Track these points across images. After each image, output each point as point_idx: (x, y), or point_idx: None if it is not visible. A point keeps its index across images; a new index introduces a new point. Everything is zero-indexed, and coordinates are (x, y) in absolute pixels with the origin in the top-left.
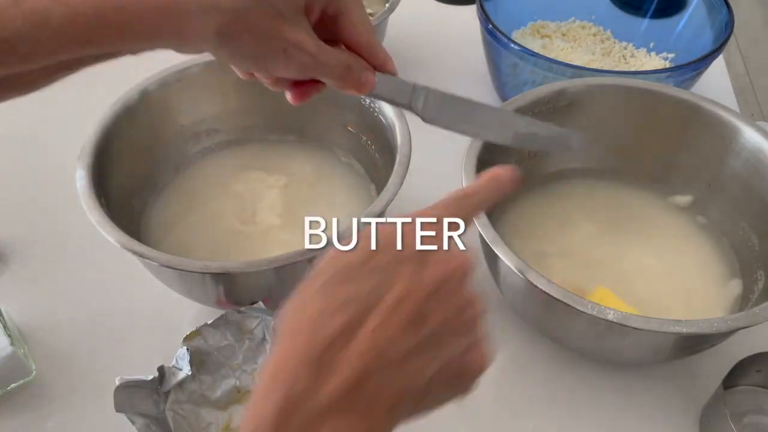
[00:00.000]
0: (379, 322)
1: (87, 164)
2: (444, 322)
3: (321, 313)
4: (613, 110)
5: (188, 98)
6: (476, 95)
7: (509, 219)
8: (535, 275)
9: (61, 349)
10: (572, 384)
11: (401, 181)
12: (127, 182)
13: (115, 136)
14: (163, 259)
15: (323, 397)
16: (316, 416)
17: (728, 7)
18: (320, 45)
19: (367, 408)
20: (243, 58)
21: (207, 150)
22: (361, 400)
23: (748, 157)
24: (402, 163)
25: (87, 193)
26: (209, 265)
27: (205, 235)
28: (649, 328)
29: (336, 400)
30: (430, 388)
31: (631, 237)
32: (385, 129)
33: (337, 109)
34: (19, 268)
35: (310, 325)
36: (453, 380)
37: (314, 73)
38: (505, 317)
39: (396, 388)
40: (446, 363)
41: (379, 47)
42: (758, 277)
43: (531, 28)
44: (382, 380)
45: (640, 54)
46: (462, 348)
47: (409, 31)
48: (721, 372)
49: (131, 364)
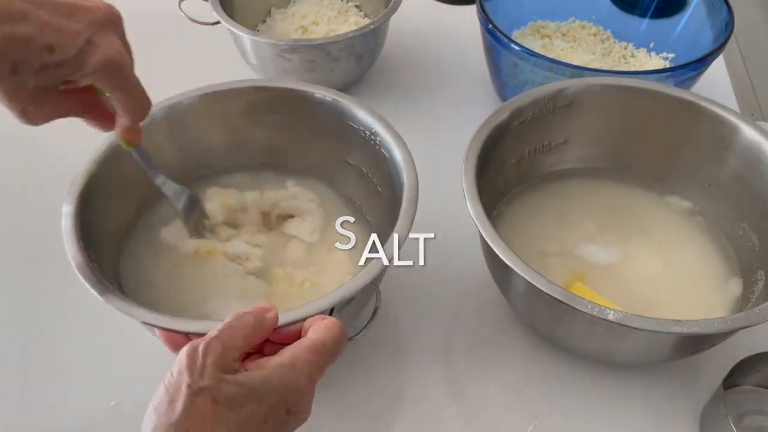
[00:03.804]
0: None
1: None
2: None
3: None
4: (613, 110)
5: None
6: (476, 95)
7: (509, 218)
8: (535, 275)
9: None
10: (572, 384)
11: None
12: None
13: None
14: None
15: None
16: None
17: (728, 7)
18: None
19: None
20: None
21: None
22: None
23: (748, 157)
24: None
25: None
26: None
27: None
28: (649, 328)
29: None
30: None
31: (631, 237)
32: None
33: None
34: None
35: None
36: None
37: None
38: (505, 317)
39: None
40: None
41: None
42: (758, 277)
43: (531, 28)
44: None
45: (640, 54)
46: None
47: (410, 31)
48: (721, 372)
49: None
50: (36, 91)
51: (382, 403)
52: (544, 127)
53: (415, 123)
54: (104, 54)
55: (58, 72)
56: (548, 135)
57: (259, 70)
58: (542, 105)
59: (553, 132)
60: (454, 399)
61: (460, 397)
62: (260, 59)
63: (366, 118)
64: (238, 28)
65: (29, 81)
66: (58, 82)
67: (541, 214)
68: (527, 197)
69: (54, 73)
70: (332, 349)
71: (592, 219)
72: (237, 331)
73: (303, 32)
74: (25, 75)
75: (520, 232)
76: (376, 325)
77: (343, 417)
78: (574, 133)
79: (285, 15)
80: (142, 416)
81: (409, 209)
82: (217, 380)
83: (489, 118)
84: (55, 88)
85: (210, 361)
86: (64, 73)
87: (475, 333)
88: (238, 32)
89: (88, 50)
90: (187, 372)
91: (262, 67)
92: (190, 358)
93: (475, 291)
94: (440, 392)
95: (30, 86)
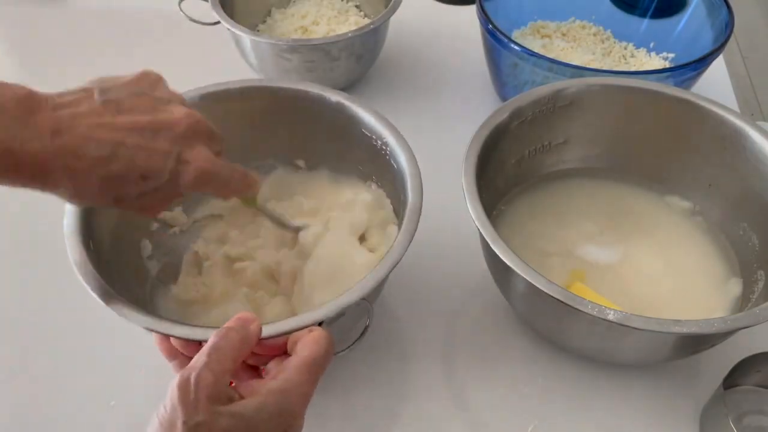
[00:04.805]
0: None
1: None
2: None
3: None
4: (613, 110)
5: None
6: (476, 95)
7: (509, 218)
8: (535, 275)
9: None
10: (572, 384)
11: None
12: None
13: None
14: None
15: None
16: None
17: (728, 7)
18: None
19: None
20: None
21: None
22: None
23: (748, 156)
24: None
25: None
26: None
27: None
28: (649, 328)
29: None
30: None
31: (631, 237)
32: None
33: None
34: None
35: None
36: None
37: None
38: (505, 317)
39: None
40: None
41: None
42: (758, 277)
43: (531, 28)
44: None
45: (640, 54)
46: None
47: (410, 31)
48: (721, 372)
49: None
50: (145, 204)
51: (382, 404)
52: (544, 127)
53: (415, 123)
54: (195, 169)
55: (157, 195)
56: (548, 135)
57: (259, 70)
58: (542, 105)
59: (553, 132)
60: (453, 398)
61: (460, 397)
62: (260, 59)
63: (375, 125)
64: (238, 28)
65: (135, 204)
66: (160, 201)
67: (541, 214)
68: (527, 197)
69: (154, 196)
70: (323, 363)
71: (592, 219)
72: (225, 354)
73: (303, 32)
74: (128, 202)
75: (520, 232)
76: (376, 325)
77: (343, 417)
78: (574, 133)
79: (285, 15)
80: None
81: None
82: (212, 414)
83: (489, 118)
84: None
85: (203, 395)
86: (163, 195)
87: (475, 333)
88: (238, 32)
89: (179, 170)
90: (180, 407)
91: (262, 67)
92: (183, 392)
93: (475, 291)
94: (440, 392)
95: (137, 207)
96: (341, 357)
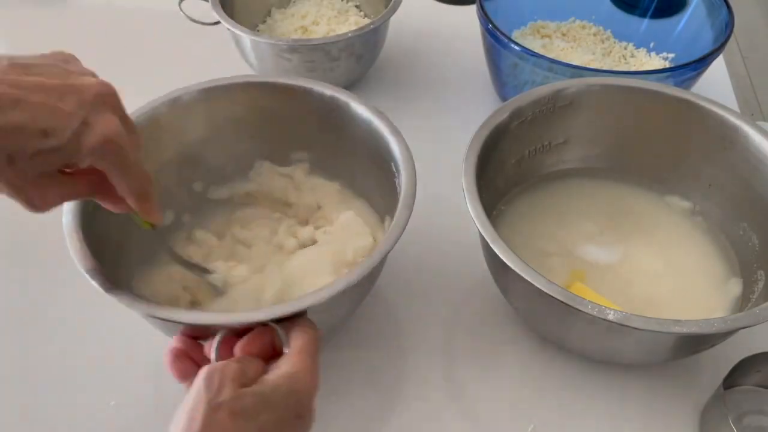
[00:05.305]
0: None
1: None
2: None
3: None
4: (613, 110)
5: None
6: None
7: (509, 218)
8: (535, 275)
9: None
10: (572, 384)
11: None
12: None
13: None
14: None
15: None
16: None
17: (728, 7)
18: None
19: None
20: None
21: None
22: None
23: (748, 157)
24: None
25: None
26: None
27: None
28: (649, 328)
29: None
30: None
31: (631, 237)
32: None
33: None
34: None
35: None
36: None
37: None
38: (505, 317)
39: None
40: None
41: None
42: (758, 277)
43: (531, 28)
44: None
45: (640, 54)
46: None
47: (410, 31)
48: (721, 372)
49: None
50: (37, 179)
51: (382, 403)
52: (544, 127)
53: (414, 123)
54: (100, 134)
55: (55, 157)
56: (548, 135)
57: (259, 70)
58: (542, 105)
59: (553, 132)
60: (453, 399)
61: (460, 396)
62: (260, 59)
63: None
64: (238, 28)
65: (27, 170)
66: (57, 166)
67: (541, 214)
68: (527, 197)
69: (51, 158)
70: (317, 348)
71: (592, 219)
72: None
73: (303, 32)
74: (22, 164)
75: (520, 232)
76: (376, 324)
77: (343, 417)
78: (574, 133)
79: (285, 15)
80: (142, 416)
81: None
82: (235, 394)
83: (489, 118)
84: (57, 173)
85: (228, 379)
86: (61, 157)
87: (475, 333)
88: (238, 32)
89: (84, 132)
90: (205, 391)
91: (262, 67)
92: (208, 380)
93: (475, 291)
94: (440, 392)
95: (29, 175)
96: (340, 355)
